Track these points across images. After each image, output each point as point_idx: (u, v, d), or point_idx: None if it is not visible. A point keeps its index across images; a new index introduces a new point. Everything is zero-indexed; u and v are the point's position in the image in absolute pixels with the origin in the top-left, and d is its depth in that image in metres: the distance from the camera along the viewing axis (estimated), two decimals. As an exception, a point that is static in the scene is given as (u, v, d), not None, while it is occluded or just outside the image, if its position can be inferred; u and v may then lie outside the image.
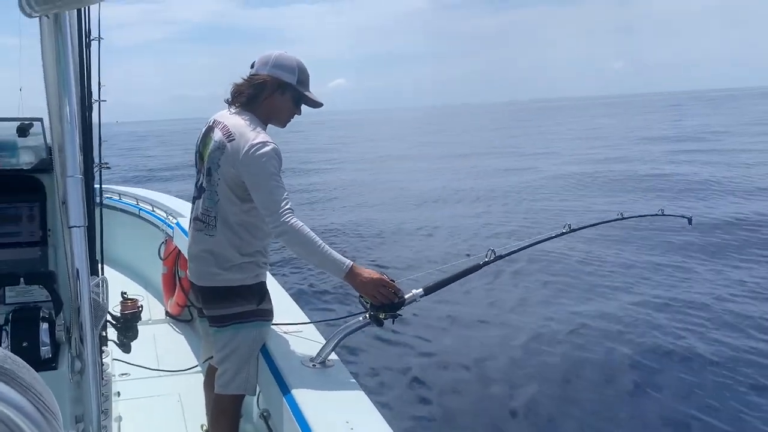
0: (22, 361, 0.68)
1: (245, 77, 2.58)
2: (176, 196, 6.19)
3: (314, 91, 2.65)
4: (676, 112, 66.62)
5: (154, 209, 5.78)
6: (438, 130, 54.41)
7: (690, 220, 3.87)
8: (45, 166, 2.58)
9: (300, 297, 7.69)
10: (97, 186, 2.92)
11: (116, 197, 6.61)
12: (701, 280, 8.29)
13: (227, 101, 2.61)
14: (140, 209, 6.07)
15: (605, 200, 14.48)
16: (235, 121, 2.50)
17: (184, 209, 5.04)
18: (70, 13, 1.69)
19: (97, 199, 2.92)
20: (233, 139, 2.43)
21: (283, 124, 2.66)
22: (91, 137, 2.64)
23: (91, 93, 2.64)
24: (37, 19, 1.63)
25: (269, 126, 2.61)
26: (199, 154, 2.63)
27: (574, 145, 30.58)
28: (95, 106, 2.87)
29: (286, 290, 3.31)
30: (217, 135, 2.51)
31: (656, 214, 3.83)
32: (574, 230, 3.12)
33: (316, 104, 2.65)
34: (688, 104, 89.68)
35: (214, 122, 2.59)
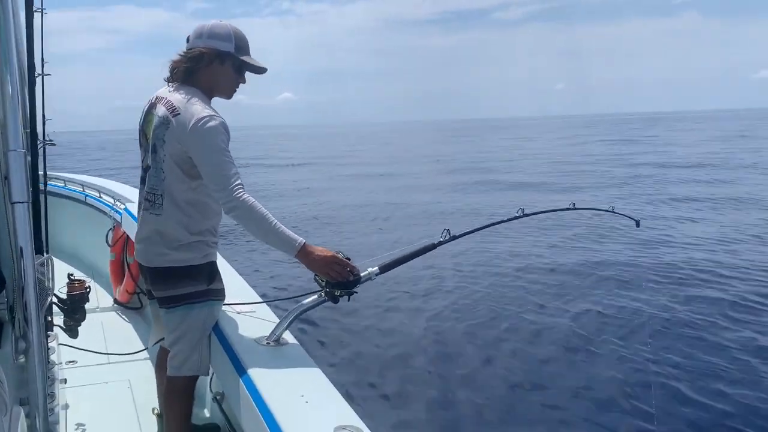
0: None
1: (181, 52, 2.50)
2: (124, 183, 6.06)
3: (262, 102, 2.55)
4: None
5: (101, 195, 5.63)
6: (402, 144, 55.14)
7: (638, 223, 3.94)
8: None
9: (252, 276, 7.64)
10: (42, 170, 2.82)
11: (61, 184, 6.41)
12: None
13: (166, 79, 2.53)
14: (86, 195, 5.91)
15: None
16: (178, 95, 2.42)
17: (132, 195, 4.92)
18: None
19: (42, 175, 2.82)
20: (178, 114, 2.36)
21: (228, 95, 2.58)
22: (35, 113, 2.55)
23: (34, 66, 2.54)
24: None
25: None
26: (143, 132, 2.55)
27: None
28: (38, 81, 2.76)
29: (237, 270, 3.26)
30: (161, 110, 2.42)
31: (607, 210, 3.89)
32: (527, 215, 3.16)
33: (258, 69, 2.56)
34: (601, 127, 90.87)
35: (156, 98, 2.51)
